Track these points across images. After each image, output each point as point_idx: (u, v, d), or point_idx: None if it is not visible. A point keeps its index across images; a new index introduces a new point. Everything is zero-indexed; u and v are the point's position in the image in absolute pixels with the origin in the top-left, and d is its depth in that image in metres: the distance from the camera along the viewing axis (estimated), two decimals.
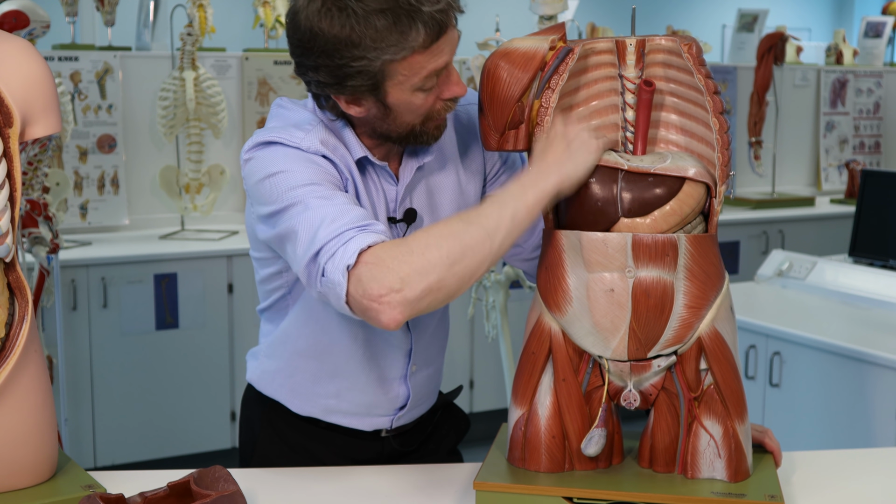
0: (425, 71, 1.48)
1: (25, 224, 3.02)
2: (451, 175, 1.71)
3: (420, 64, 1.48)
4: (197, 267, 3.86)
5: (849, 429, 2.92)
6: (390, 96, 1.51)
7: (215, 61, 4.33)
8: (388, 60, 1.46)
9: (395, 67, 1.47)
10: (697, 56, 1.54)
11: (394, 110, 1.53)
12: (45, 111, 1.58)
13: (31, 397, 1.57)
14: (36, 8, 2.97)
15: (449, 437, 1.90)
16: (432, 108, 1.54)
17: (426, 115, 1.55)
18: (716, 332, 1.53)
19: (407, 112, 1.54)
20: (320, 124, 1.59)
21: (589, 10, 8.55)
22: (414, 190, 1.66)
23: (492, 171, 1.76)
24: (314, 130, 1.56)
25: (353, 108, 1.54)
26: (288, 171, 1.49)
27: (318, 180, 1.49)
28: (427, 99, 1.53)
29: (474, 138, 1.73)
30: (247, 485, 1.62)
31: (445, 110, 1.57)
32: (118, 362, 3.77)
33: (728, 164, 1.54)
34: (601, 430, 1.57)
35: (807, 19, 12.77)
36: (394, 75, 1.48)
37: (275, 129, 1.56)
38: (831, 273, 3.46)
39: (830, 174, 5.88)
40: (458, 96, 1.55)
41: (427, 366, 1.78)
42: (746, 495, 1.51)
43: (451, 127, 1.71)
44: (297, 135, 1.54)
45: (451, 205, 1.70)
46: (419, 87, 1.50)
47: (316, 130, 1.56)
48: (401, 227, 1.65)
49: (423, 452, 1.84)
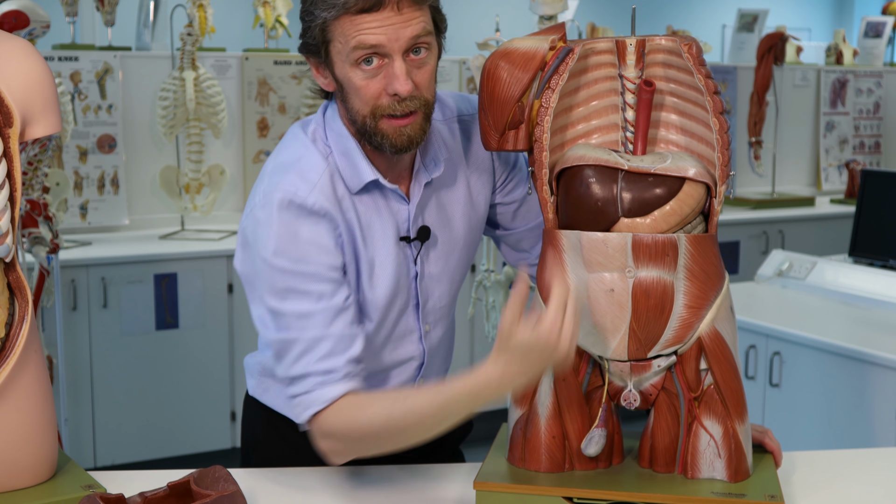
0: (354, 40, 1.48)
1: (25, 224, 3.02)
2: (462, 187, 1.71)
3: (349, 30, 1.48)
4: (197, 267, 3.86)
5: (849, 429, 2.92)
6: (336, 67, 1.53)
7: (215, 61, 4.33)
8: (325, 18, 1.49)
9: (331, 29, 1.50)
10: (697, 56, 1.54)
11: (344, 88, 1.54)
12: (45, 111, 1.58)
13: (31, 397, 1.57)
14: (36, 8, 2.96)
15: (450, 437, 1.90)
16: (378, 102, 1.52)
17: (373, 109, 1.52)
18: (716, 332, 1.53)
19: (353, 94, 1.53)
20: (327, 163, 1.58)
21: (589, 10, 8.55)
22: (426, 207, 1.66)
23: (501, 178, 1.76)
24: (322, 179, 1.56)
25: (320, 77, 1.57)
26: (277, 268, 1.53)
27: (305, 282, 1.52)
28: (368, 84, 1.51)
29: (482, 149, 1.71)
30: (247, 485, 1.62)
31: (392, 111, 1.52)
32: (118, 362, 3.76)
33: (728, 164, 1.54)
34: (601, 430, 1.57)
35: (807, 19, 12.77)
36: (332, 38, 1.51)
37: (284, 178, 1.56)
38: (831, 273, 3.46)
39: (830, 174, 5.88)
40: (400, 93, 1.50)
41: (432, 375, 1.79)
42: (746, 495, 1.51)
43: (459, 137, 1.71)
44: (303, 187, 1.55)
45: (463, 217, 1.70)
46: (354, 62, 1.50)
47: (324, 178, 1.56)
48: (415, 245, 1.65)
49: (425, 452, 1.84)
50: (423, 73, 1.53)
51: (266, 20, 4.48)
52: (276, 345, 1.56)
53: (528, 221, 1.79)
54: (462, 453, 1.94)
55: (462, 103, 1.74)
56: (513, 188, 1.77)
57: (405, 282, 1.65)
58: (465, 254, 1.74)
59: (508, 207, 1.78)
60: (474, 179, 1.72)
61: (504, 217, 1.79)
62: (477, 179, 1.72)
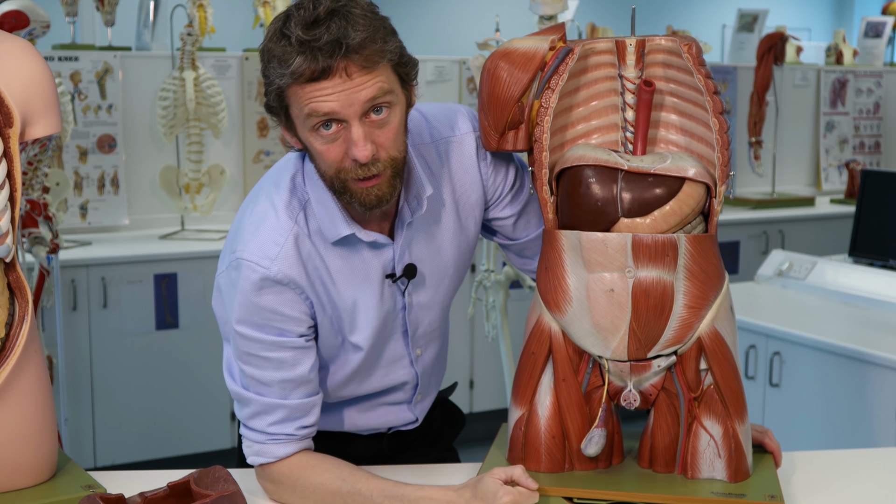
0: (307, 108, 1.44)
1: (25, 224, 3.02)
2: (450, 214, 1.67)
3: (301, 98, 1.44)
4: (197, 267, 3.86)
5: (849, 429, 2.92)
6: (298, 130, 1.50)
7: (215, 61, 4.33)
8: (280, 85, 1.46)
9: (287, 95, 1.46)
10: (697, 56, 1.54)
11: (310, 150, 1.51)
12: (45, 111, 1.58)
13: (31, 397, 1.57)
14: (36, 8, 2.96)
15: (445, 434, 1.90)
16: (341, 166, 1.48)
17: (337, 172, 1.48)
18: (716, 332, 1.53)
19: (318, 157, 1.50)
20: (294, 224, 1.56)
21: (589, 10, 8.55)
22: (412, 243, 1.63)
23: (494, 194, 1.71)
24: (286, 245, 1.55)
25: (287, 135, 1.54)
26: (240, 334, 1.56)
27: (265, 350, 1.56)
28: (329, 149, 1.47)
29: (471, 168, 1.68)
30: (247, 485, 1.63)
31: (356, 175, 1.48)
32: (118, 362, 3.76)
33: (728, 165, 1.54)
34: (601, 430, 1.57)
35: (807, 19, 12.77)
36: (289, 104, 1.47)
37: (250, 245, 1.55)
38: (831, 273, 3.46)
39: (830, 174, 5.88)
40: (359, 159, 1.45)
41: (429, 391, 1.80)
42: (746, 495, 1.51)
43: (447, 158, 1.67)
44: (265, 258, 1.54)
45: (452, 243, 1.68)
46: (311, 128, 1.46)
47: (287, 244, 1.55)
48: (402, 282, 1.63)
49: (420, 449, 1.84)
50: (385, 132, 1.47)
51: (266, 20, 4.47)
52: (235, 395, 1.62)
53: (529, 232, 1.77)
54: (456, 451, 1.94)
55: (452, 121, 1.68)
56: (508, 203, 1.73)
57: (392, 314, 1.65)
58: (456, 278, 1.72)
59: (507, 221, 1.75)
60: (463, 202, 1.68)
61: (504, 230, 1.77)
62: (466, 201, 1.69)
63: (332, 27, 1.40)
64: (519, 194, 1.73)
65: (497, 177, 1.70)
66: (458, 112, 1.70)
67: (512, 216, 1.74)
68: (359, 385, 1.68)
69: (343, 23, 1.41)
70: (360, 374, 1.67)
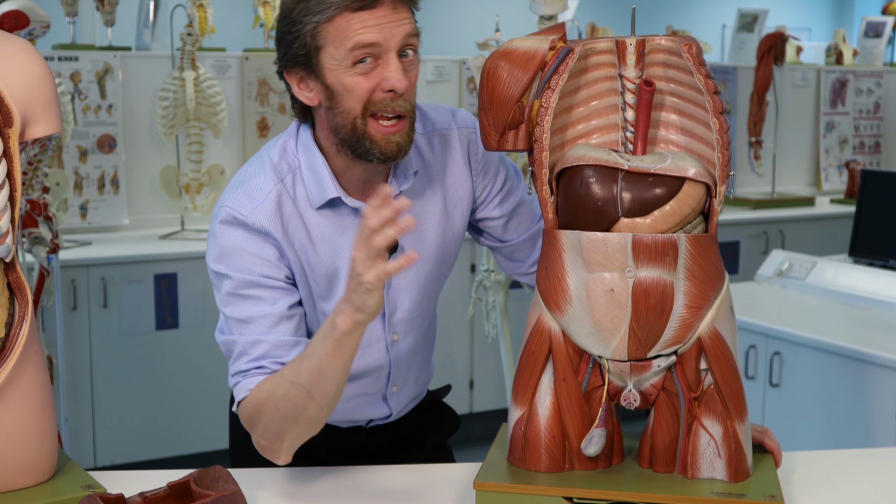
0: (351, 41, 1.48)
1: (25, 224, 3.02)
2: (437, 200, 1.70)
3: (346, 30, 1.48)
4: (197, 267, 3.86)
5: (849, 429, 2.92)
6: (327, 74, 1.52)
7: (215, 61, 4.33)
8: (317, 23, 1.49)
9: (324, 33, 1.49)
10: (697, 56, 1.54)
11: (335, 93, 1.53)
12: (45, 111, 1.58)
13: (31, 397, 1.57)
14: (36, 8, 2.97)
15: (436, 431, 1.90)
16: (371, 98, 1.52)
17: (365, 106, 1.52)
18: (716, 332, 1.53)
19: (345, 95, 1.52)
20: (281, 184, 1.60)
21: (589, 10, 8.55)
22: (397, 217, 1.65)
23: (483, 193, 1.74)
24: (266, 200, 1.58)
25: (303, 92, 1.56)
26: (219, 274, 1.59)
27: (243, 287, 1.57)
28: (362, 81, 1.51)
29: (460, 163, 1.71)
30: (247, 485, 1.63)
31: (384, 108, 1.52)
32: (118, 362, 3.77)
33: (728, 164, 1.54)
34: (601, 430, 1.57)
35: (807, 19, 12.77)
36: (325, 44, 1.50)
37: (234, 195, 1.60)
38: (831, 273, 3.46)
39: (830, 174, 5.88)
40: (397, 89, 1.51)
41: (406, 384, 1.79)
42: (746, 495, 1.51)
43: (437, 150, 1.70)
44: (247, 206, 1.58)
45: (437, 230, 1.70)
46: (350, 64, 1.49)
47: (268, 199, 1.58)
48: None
49: (408, 445, 1.84)
50: (411, 76, 1.55)
51: (266, 20, 4.48)
52: (223, 347, 1.63)
53: (519, 234, 1.78)
54: (450, 449, 1.94)
55: (442, 116, 1.73)
56: (499, 203, 1.75)
57: None
58: (438, 268, 1.73)
59: (497, 221, 1.76)
60: (451, 193, 1.71)
61: (494, 230, 1.78)
62: (454, 193, 1.71)
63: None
64: (509, 196, 1.75)
65: (486, 176, 1.73)
66: (448, 110, 1.74)
67: (502, 217, 1.76)
68: None
69: None
70: None
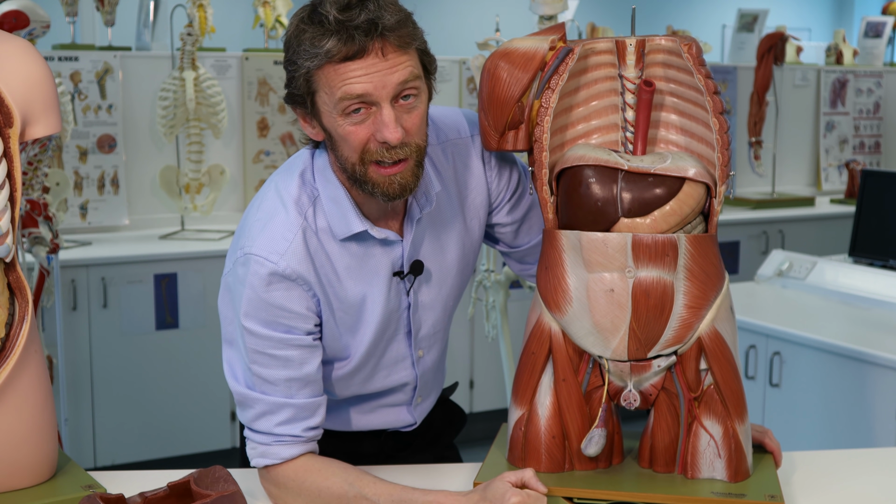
0: (339, 91, 1.44)
1: (25, 224, 3.02)
2: (456, 213, 1.68)
3: (334, 80, 1.44)
4: (197, 267, 3.86)
5: (849, 429, 2.92)
6: (324, 118, 1.50)
7: (215, 61, 4.33)
8: (309, 68, 1.46)
9: (317, 78, 1.46)
10: (697, 56, 1.54)
11: (332, 137, 1.51)
12: (45, 111, 1.58)
13: (31, 397, 1.57)
14: (36, 8, 2.96)
15: (446, 433, 1.90)
16: (366, 147, 1.48)
17: (362, 155, 1.49)
18: (716, 332, 1.53)
19: (341, 142, 1.50)
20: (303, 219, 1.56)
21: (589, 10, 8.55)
22: (420, 241, 1.64)
23: (498, 198, 1.73)
24: (295, 241, 1.55)
25: (308, 127, 1.54)
26: (248, 330, 1.55)
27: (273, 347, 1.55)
28: (356, 130, 1.47)
29: (476, 171, 1.70)
30: (247, 485, 1.63)
31: (381, 158, 1.48)
32: (118, 362, 3.77)
33: (728, 165, 1.54)
34: (601, 430, 1.57)
35: (807, 19, 12.77)
36: (318, 88, 1.47)
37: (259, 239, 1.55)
38: (831, 273, 3.46)
39: (830, 174, 5.88)
40: (389, 141, 1.46)
41: (429, 394, 1.80)
42: (746, 495, 1.51)
43: (453, 160, 1.68)
44: (275, 252, 1.54)
45: (457, 244, 1.69)
46: (341, 112, 1.46)
47: (296, 240, 1.55)
48: (409, 278, 1.64)
49: (420, 446, 1.84)
50: (412, 117, 1.49)
51: (266, 20, 4.48)
52: (239, 396, 1.60)
53: (531, 239, 1.77)
54: (457, 448, 1.94)
55: (458, 124, 1.70)
56: (511, 208, 1.74)
57: (397, 313, 1.65)
58: (459, 279, 1.73)
59: (510, 227, 1.76)
60: (469, 203, 1.70)
61: (507, 236, 1.77)
62: (472, 203, 1.70)
63: (367, 8, 1.43)
64: (521, 200, 1.74)
65: (500, 180, 1.71)
66: (462, 116, 1.72)
67: (514, 223, 1.75)
68: (362, 385, 1.68)
69: (375, 6, 1.44)
70: (362, 374, 1.67)
